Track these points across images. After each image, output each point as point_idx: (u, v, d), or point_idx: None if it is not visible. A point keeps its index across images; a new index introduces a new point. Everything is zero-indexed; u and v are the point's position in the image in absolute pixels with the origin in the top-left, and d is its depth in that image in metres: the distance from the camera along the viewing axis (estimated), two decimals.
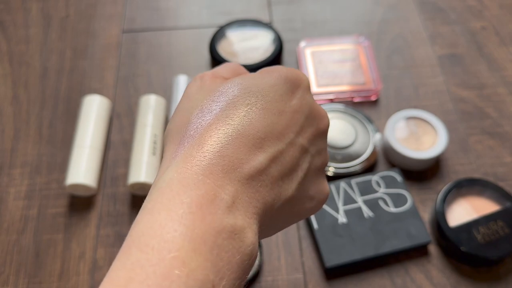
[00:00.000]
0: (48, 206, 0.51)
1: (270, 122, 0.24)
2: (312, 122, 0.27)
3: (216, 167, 0.22)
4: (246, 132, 0.23)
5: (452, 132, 0.56)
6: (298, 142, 0.25)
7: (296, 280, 0.46)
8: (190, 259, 0.19)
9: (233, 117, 0.24)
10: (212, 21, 0.67)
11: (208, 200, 0.21)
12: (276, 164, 0.24)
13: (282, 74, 0.26)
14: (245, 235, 0.21)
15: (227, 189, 0.22)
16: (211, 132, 0.23)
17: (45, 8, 0.69)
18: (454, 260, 0.47)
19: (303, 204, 0.27)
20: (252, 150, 0.23)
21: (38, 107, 0.59)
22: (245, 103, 0.24)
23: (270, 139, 0.24)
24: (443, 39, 0.65)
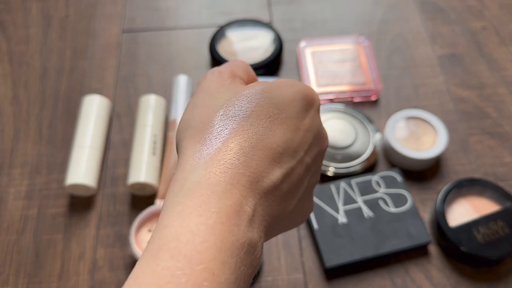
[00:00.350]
0: (48, 206, 0.51)
1: (288, 138, 0.25)
2: (318, 142, 0.27)
3: (243, 178, 0.22)
4: (268, 145, 0.24)
5: (452, 132, 0.56)
6: (305, 161, 0.26)
7: (296, 280, 0.46)
8: (220, 271, 0.19)
9: (257, 127, 0.24)
10: (212, 21, 0.67)
11: (235, 211, 0.21)
12: (287, 180, 0.25)
13: (301, 90, 0.27)
14: (257, 249, 0.22)
15: (249, 201, 0.22)
16: (237, 139, 0.23)
17: (45, 8, 0.69)
18: (454, 260, 0.47)
19: (296, 218, 0.28)
20: (272, 164, 0.24)
21: (38, 107, 0.59)
22: (268, 114, 0.25)
23: (287, 155, 0.25)
24: (443, 39, 0.65)
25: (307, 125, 0.26)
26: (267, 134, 0.24)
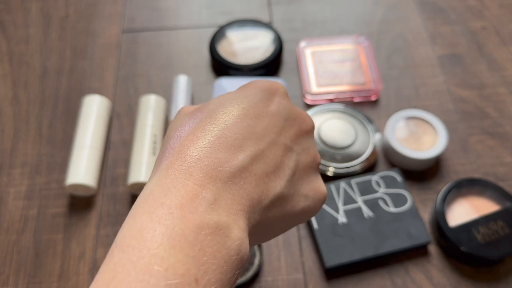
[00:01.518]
0: (48, 206, 0.51)
1: (248, 125, 0.26)
2: (292, 123, 0.28)
3: (195, 169, 0.23)
4: (224, 135, 0.25)
5: (452, 132, 0.56)
6: (280, 142, 0.27)
7: (296, 280, 0.46)
8: (168, 255, 0.20)
9: (211, 125, 0.25)
10: (212, 21, 0.67)
11: (188, 200, 0.22)
12: (259, 162, 0.25)
13: (257, 86, 0.28)
14: (230, 230, 0.22)
15: (208, 188, 0.22)
16: (190, 141, 0.24)
17: (45, 8, 0.69)
18: (454, 260, 0.47)
19: (297, 203, 0.28)
20: (232, 150, 0.24)
21: (38, 107, 0.59)
22: (221, 112, 0.26)
23: (249, 140, 0.25)
24: (443, 39, 0.65)
25: (273, 110, 0.27)
26: (221, 128, 0.25)
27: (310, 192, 0.28)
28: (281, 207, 0.27)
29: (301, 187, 0.28)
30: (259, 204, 0.25)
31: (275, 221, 0.27)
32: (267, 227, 0.26)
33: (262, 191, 0.25)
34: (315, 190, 0.29)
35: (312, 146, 0.29)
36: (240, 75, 0.60)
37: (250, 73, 0.60)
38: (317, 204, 0.29)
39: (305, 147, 0.29)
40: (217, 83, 0.58)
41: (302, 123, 0.29)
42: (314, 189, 0.29)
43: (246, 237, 0.23)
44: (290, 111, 0.28)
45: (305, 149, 0.29)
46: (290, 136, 0.28)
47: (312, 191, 0.29)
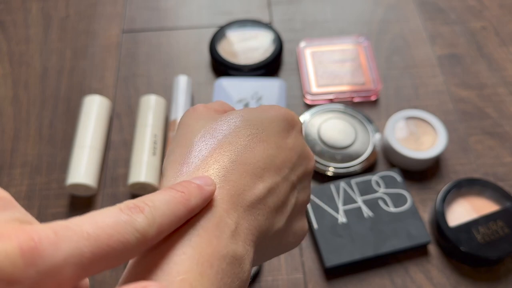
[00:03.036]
0: (48, 206, 0.51)
1: (270, 155, 0.25)
2: (302, 162, 0.28)
3: (222, 191, 0.22)
4: (248, 160, 0.24)
5: (452, 132, 0.56)
6: (290, 178, 0.27)
7: (296, 280, 0.46)
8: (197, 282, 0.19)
9: (236, 144, 0.25)
10: (212, 21, 0.67)
11: (214, 223, 0.21)
12: (273, 196, 0.25)
13: (281, 112, 0.28)
14: (244, 261, 0.22)
15: (231, 214, 0.22)
16: (216, 156, 0.24)
17: (45, 8, 0.69)
18: (454, 260, 0.47)
19: (287, 238, 0.28)
20: (254, 178, 0.24)
21: (38, 107, 0.59)
22: (246, 133, 0.25)
23: (269, 170, 0.25)
24: (443, 39, 0.65)
25: (290, 144, 0.27)
26: (246, 151, 0.24)
27: (298, 229, 0.29)
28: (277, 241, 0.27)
29: (293, 225, 0.28)
30: (264, 237, 0.25)
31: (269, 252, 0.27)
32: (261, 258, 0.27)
33: (270, 225, 0.25)
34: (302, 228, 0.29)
35: (309, 186, 0.30)
36: (240, 75, 0.60)
37: (250, 73, 0.60)
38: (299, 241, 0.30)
39: (304, 186, 0.29)
40: (217, 83, 0.58)
41: (309, 164, 0.29)
42: (301, 228, 0.29)
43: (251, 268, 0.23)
44: (303, 149, 0.28)
45: (304, 188, 0.29)
46: (298, 174, 0.27)
47: (300, 229, 0.29)
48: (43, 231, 0.16)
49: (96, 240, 0.16)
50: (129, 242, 0.17)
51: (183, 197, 0.20)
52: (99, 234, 0.17)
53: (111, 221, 0.17)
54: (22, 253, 0.15)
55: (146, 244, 0.18)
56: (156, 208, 0.19)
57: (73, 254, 0.16)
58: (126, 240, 0.17)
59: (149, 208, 0.19)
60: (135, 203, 0.19)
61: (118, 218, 0.18)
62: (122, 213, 0.18)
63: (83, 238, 0.16)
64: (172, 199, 0.20)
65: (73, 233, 0.16)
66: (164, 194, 0.20)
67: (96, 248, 0.16)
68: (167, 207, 0.19)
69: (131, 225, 0.18)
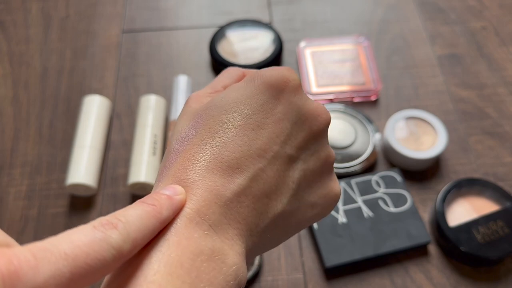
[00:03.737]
0: (48, 206, 0.51)
1: (248, 139, 0.24)
2: (302, 127, 0.25)
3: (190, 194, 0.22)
4: (220, 155, 0.23)
5: (452, 132, 0.56)
6: (284, 153, 0.24)
7: (296, 280, 0.46)
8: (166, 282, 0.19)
9: (207, 140, 0.24)
10: (212, 21, 0.67)
11: (183, 225, 0.21)
12: (258, 183, 0.23)
13: (264, 81, 0.25)
14: (226, 256, 0.21)
15: (203, 213, 0.22)
16: (186, 160, 0.24)
17: (45, 8, 0.69)
18: (454, 260, 0.47)
19: (303, 214, 0.26)
20: (228, 173, 0.23)
21: (38, 107, 0.59)
22: (220, 123, 0.24)
23: (248, 158, 0.23)
24: (443, 39, 0.65)
25: (279, 113, 0.25)
26: (219, 146, 0.24)
27: (318, 199, 0.26)
28: (284, 224, 0.25)
29: (308, 197, 0.26)
30: (257, 227, 0.24)
31: (276, 236, 0.26)
32: (267, 243, 0.26)
33: (261, 213, 0.24)
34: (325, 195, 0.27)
35: (323, 146, 0.26)
36: None
37: None
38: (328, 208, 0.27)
39: (313, 151, 0.26)
40: None
41: (313, 124, 0.26)
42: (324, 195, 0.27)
43: (243, 261, 0.22)
44: (300, 112, 0.25)
45: (314, 153, 0.26)
46: (298, 143, 0.25)
47: (321, 198, 0.26)
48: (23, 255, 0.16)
49: (74, 259, 0.17)
50: (106, 259, 0.18)
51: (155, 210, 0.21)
52: (76, 254, 0.17)
53: (87, 239, 0.18)
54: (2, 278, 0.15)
55: (122, 259, 0.19)
56: (130, 223, 0.19)
57: (53, 276, 0.16)
58: (102, 257, 0.18)
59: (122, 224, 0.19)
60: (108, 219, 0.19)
61: (93, 236, 0.18)
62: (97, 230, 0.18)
63: (62, 258, 0.16)
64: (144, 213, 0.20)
65: (51, 255, 0.16)
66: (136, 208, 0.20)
67: (74, 267, 0.17)
68: (140, 221, 0.20)
69: (106, 242, 0.18)
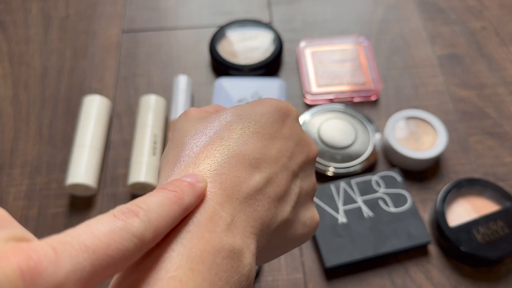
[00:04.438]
0: (48, 206, 0.51)
1: (264, 145, 0.25)
2: (302, 150, 0.28)
3: (214, 185, 0.22)
4: (242, 152, 0.24)
5: (452, 132, 0.56)
6: (290, 167, 0.26)
7: (296, 280, 0.46)
8: (187, 279, 0.19)
9: (228, 139, 0.24)
10: (212, 21, 0.67)
11: (206, 218, 0.21)
12: (272, 185, 0.25)
13: (273, 104, 0.27)
14: (243, 255, 0.21)
15: (225, 207, 0.22)
16: (207, 152, 0.24)
17: (45, 8, 0.69)
18: (454, 260, 0.47)
19: (296, 230, 0.27)
20: (249, 169, 0.24)
21: (38, 107, 0.59)
22: (238, 127, 0.25)
23: (266, 160, 0.25)
24: (443, 39, 0.65)
25: (286, 133, 0.27)
26: (239, 144, 0.24)
27: (307, 220, 0.28)
28: (284, 233, 0.26)
29: (301, 214, 0.28)
30: (268, 228, 0.24)
31: (277, 246, 0.26)
32: (269, 251, 0.26)
33: (272, 215, 0.24)
34: (311, 218, 0.29)
35: (313, 173, 0.29)
36: (240, 75, 0.60)
37: (250, 73, 0.60)
38: (311, 232, 0.29)
39: (307, 174, 0.28)
40: (217, 83, 0.58)
41: (310, 151, 0.29)
42: (311, 217, 0.29)
43: (254, 261, 0.22)
44: (301, 137, 0.28)
45: (307, 176, 0.28)
46: (298, 162, 0.27)
47: (309, 219, 0.28)
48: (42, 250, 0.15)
49: (94, 251, 0.16)
50: (128, 249, 0.17)
51: (177, 196, 0.20)
52: (97, 245, 0.16)
53: (107, 229, 0.17)
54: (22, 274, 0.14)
55: (144, 248, 0.18)
56: (151, 210, 0.19)
57: (74, 270, 0.15)
58: (124, 247, 0.17)
59: (143, 211, 0.18)
60: (129, 207, 0.18)
61: (113, 226, 0.17)
62: (117, 219, 0.17)
63: (82, 251, 0.16)
64: (165, 199, 0.20)
65: (72, 248, 0.16)
66: (157, 195, 0.20)
67: (95, 260, 0.16)
68: (162, 208, 0.19)
69: (128, 231, 0.17)
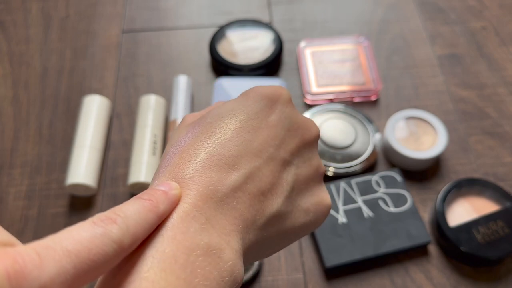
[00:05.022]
0: (48, 206, 0.51)
1: (244, 140, 0.25)
2: (294, 134, 0.27)
3: (187, 188, 0.23)
4: (218, 152, 0.24)
5: (452, 132, 0.56)
6: (278, 156, 0.26)
7: (296, 280, 0.46)
8: (159, 278, 0.19)
9: (205, 141, 0.25)
10: (212, 21, 0.67)
11: (178, 219, 0.21)
12: (254, 180, 0.24)
13: (258, 93, 0.27)
14: (222, 251, 0.21)
15: (199, 207, 0.22)
16: (183, 159, 0.24)
17: (45, 8, 0.69)
18: (454, 260, 0.47)
19: (297, 219, 0.27)
20: (225, 169, 0.24)
21: (38, 107, 0.59)
22: (217, 127, 0.25)
23: (245, 157, 0.24)
24: (443, 39, 0.65)
25: (274, 121, 0.26)
26: (216, 145, 0.24)
27: (311, 206, 0.27)
28: (279, 225, 0.26)
29: (301, 202, 0.27)
30: (254, 224, 0.24)
31: (272, 239, 0.26)
32: (264, 245, 0.26)
33: (257, 211, 0.24)
34: (317, 204, 0.28)
35: (314, 156, 0.28)
36: (240, 75, 0.60)
37: (250, 73, 0.60)
38: (320, 218, 0.28)
39: (306, 158, 0.27)
40: (217, 83, 0.58)
41: (305, 133, 0.28)
42: (316, 203, 0.28)
43: (240, 258, 0.23)
44: (293, 121, 0.27)
45: (306, 160, 0.27)
46: (291, 148, 0.26)
47: (314, 205, 0.27)
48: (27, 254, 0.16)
49: (77, 256, 0.17)
50: (107, 254, 0.18)
51: (152, 205, 0.21)
52: (79, 250, 0.17)
53: (88, 235, 0.18)
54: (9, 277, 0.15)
55: (123, 253, 0.19)
56: (128, 218, 0.19)
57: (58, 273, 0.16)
58: (104, 252, 0.18)
59: (121, 219, 0.19)
60: (107, 215, 0.19)
61: (93, 232, 0.18)
62: (96, 226, 0.18)
63: (65, 255, 0.17)
64: (141, 207, 0.20)
65: (55, 252, 0.17)
66: (133, 203, 0.21)
67: (78, 263, 0.17)
68: (138, 215, 0.20)
69: (107, 237, 0.18)
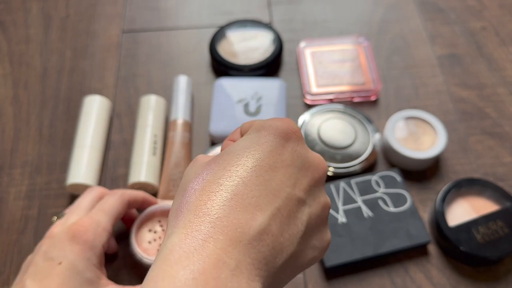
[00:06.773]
0: (49, 206, 0.51)
1: (263, 180, 0.25)
2: (306, 173, 0.27)
3: (216, 230, 0.22)
4: (240, 192, 0.24)
5: (452, 132, 0.56)
6: (294, 195, 0.25)
7: (296, 279, 0.46)
8: None
9: (225, 178, 0.24)
10: (212, 21, 0.68)
11: (210, 264, 0.21)
12: (275, 221, 0.24)
13: (271, 130, 0.27)
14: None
15: (229, 252, 0.22)
16: (206, 196, 0.23)
17: (45, 8, 0.69)
18: (454, 260, 0.47)
19: (306, 256, 0.27)
20: (249, 210, 0.23)
21: (38, 107, 0.59)
22: (235, 165, 0.25)
23: (266, 196, 0.24)
24: (443, 39, 0.65)
25: (287, 160, 0.26)
26: (237, 184, 0.24)
27: (317, 242, 0.27)
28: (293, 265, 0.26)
29: (311, 240, 0.27)
30: (274, 268, 0.24)
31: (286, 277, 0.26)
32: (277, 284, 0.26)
33: (278, 252, 0.24)
34: (322, 240, 0.28)
35: (322, 194, 0.28)
36: (240, 75, 0.60)
37: (250, 73, 0.60)
38: (322, 253, 0.28)
39: (316, 196, 0.27)
40: (217, 83, 0.58)
41: (315, 172, 0.27)
42: (321, 239, 0.28)
43: None
44: (304, 160, 0.27)
45: (316, 198, 0.27)
46: (304, 188, 0.26)
47: (319, 241, 0.27)
48: None
49: None
50: None
51: None
52: None
53: None
54: None
55: None
56: None
57: None
58: None
59: None
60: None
61: None
62: None
63: None
64: None
65: None
66: None
67: None
68: None
69: None
